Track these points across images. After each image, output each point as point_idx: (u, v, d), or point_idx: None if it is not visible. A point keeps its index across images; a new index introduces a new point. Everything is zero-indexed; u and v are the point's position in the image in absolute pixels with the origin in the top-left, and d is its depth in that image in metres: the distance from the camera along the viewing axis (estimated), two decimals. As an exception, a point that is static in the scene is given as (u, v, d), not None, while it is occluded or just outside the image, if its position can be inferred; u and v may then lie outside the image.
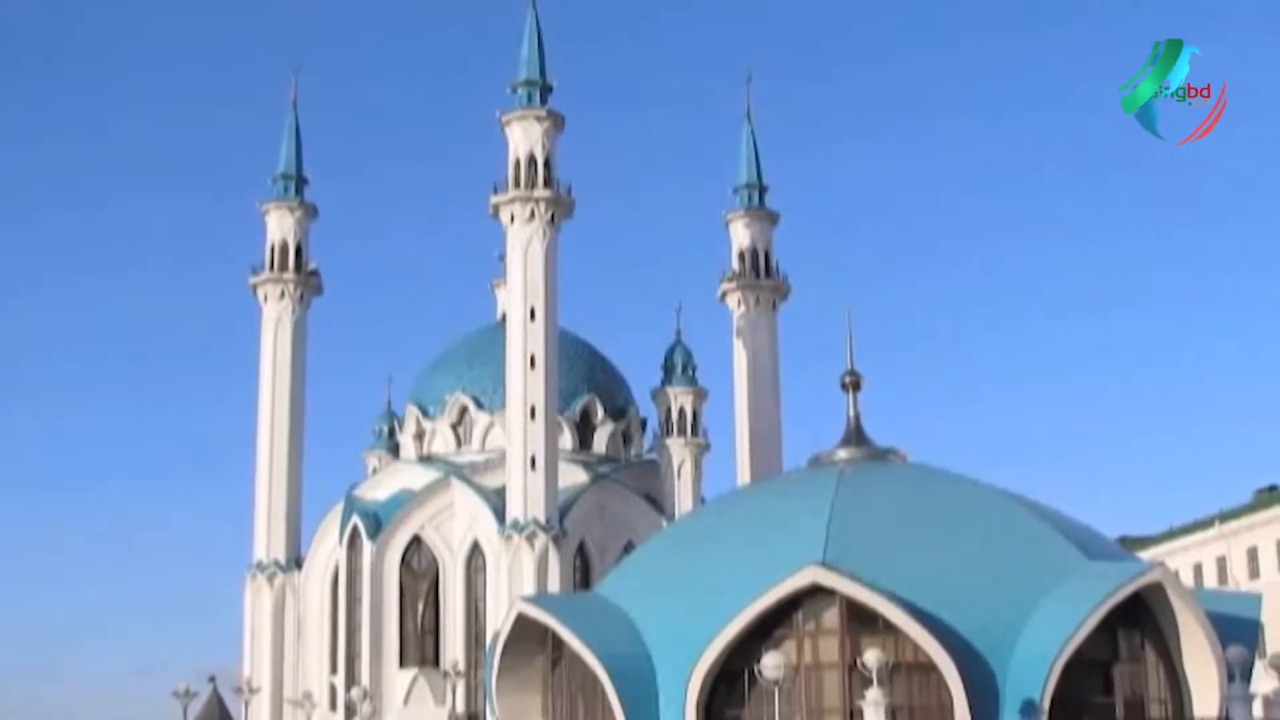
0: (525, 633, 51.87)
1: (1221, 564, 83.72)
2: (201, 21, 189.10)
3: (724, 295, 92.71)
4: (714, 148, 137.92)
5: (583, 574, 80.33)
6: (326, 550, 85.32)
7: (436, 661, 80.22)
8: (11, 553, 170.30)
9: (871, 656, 43.84)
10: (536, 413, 77.48)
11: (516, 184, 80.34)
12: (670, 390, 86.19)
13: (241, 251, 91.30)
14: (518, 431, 77.62)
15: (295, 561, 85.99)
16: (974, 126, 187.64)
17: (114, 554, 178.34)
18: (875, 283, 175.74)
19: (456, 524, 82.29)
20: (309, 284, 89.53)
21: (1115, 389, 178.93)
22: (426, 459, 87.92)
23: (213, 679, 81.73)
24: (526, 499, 76.80)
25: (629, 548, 76.90)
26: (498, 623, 63.19)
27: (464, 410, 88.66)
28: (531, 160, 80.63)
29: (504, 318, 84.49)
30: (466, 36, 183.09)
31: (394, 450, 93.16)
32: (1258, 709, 47.97)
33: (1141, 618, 47.77)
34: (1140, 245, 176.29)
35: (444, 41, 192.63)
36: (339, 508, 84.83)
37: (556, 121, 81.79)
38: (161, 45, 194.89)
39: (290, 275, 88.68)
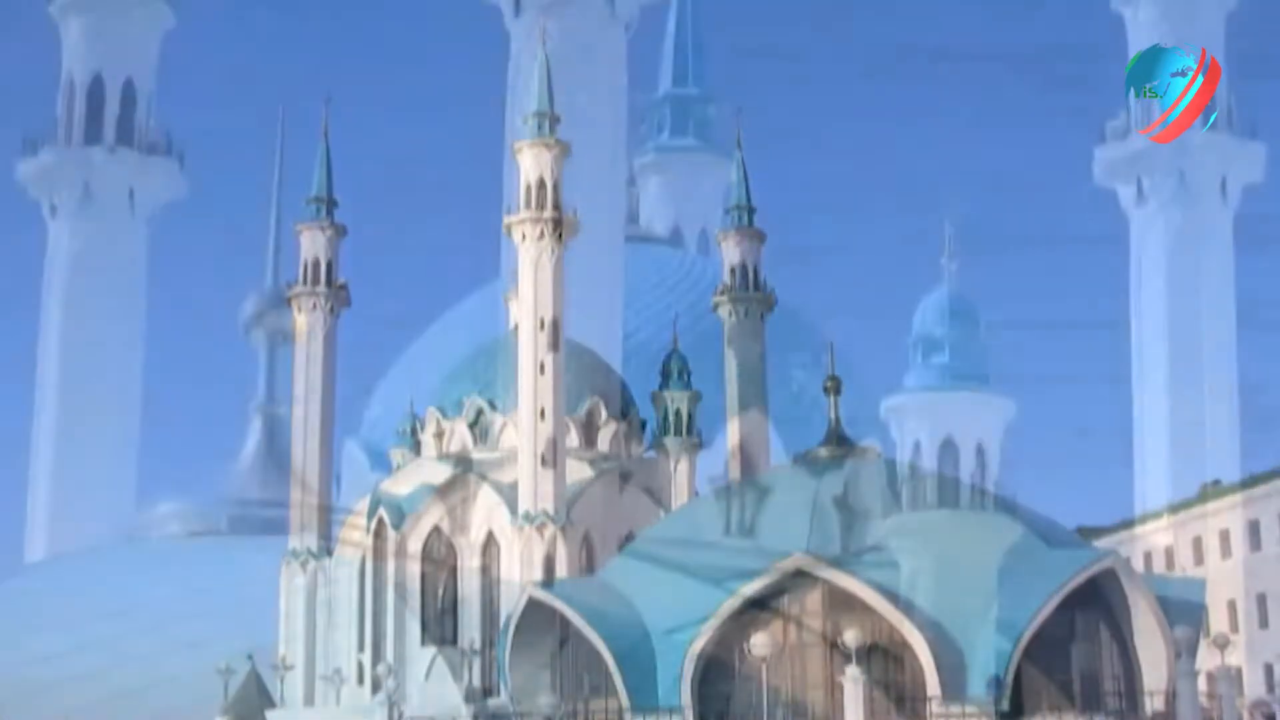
0: (535, 615, 52.01)
1: (1169, 552, 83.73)
2: (240, 58, 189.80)
3: (716, 307, 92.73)
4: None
5: (587, 561, 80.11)
6: (355, 539, 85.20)
7: (455, 640, 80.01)
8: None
9: (851, 636, 43.97)
10: (546, 414, 77.38)
11: (527, 205, 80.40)
12: (667, 394, 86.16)
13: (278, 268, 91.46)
14: (529, 431, 77.56)
15: (326, 549, 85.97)
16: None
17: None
18: (856, 295, 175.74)
19: (473, 516, 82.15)
20: (339, 297, 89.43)
21: (1076, 395, 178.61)
22: (446, 457, 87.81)
23: (251, 657, 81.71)
24: (537, 493, 76.70)
25: (629, 537, 76.78)
26: (510, 605, 63.24)
27: (480, 412, 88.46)
28: (541, 184, 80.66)
29: (516, 328, 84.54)
30: (479, 71, 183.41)
31: (416, 448, 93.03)
32: (1202, 683, 48.08)
33: (1097, 601, 47.80)
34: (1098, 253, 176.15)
35: (459, 76, 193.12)
36: (366, 500, 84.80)
37: (564, 149, 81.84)
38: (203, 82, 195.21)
39: (322, 289, 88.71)
